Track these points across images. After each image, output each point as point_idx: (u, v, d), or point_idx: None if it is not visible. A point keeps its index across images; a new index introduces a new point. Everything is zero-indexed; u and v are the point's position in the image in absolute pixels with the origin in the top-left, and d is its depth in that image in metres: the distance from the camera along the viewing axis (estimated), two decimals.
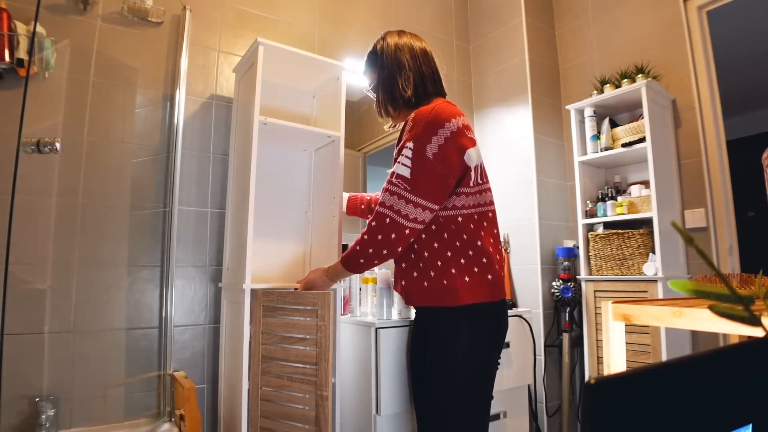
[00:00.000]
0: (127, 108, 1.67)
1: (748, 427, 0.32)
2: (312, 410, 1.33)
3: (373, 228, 1.14)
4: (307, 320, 1.39)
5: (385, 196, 1.15)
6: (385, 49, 1.33)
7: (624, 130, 2.18)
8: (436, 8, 2.66)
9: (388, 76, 1.31)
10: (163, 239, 1.67)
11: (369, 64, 1.39)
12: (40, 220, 1.47)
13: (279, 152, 1.86)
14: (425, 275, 1.17)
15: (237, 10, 1.94)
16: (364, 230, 1.17)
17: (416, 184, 1.11)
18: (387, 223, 1.11)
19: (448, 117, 1.16)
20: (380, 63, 1.33)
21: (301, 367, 1.38)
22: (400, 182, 1.12)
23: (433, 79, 1.32)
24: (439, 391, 1.15)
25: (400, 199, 1.11)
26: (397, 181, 1.13)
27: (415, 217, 1.11)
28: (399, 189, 1.12)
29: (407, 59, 1.29)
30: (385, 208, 1.13)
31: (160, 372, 1.61)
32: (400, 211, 1.11)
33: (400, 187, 1.12)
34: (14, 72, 1.43)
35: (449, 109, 1.20)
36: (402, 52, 1.30)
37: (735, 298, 0.32)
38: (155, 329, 1.63)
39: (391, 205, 1.12)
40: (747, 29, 2.99)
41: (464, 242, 1.15)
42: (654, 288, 1.95)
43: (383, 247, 1.13)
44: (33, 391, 1.40)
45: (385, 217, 1.12)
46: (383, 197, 1.15)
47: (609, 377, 0.26)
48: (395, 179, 1.13)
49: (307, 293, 1.42)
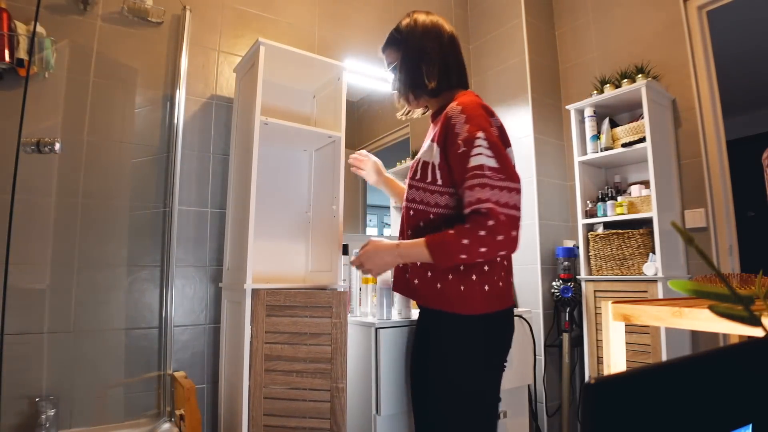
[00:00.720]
0: (127, 108, 1.67)
1: (748, 427, 0.32)
2: (326, 403, 1.40)
3: (491, 227, 0.98)
4: (322, 319, 1.45)
5: (484, 192, 1.00)
6: (412, 31, 1.24)
7: (624, 130, 2.18)
8: (436, 8, 2.66)
9: (412, 61, 1.23)
10: (163, 239, 1.67)
11: (392, 43, 1.28)
12: (40, 220, 1.47)
13: (279, 152, 1.87)
14: (440, 276, 1.11)
15: (237, 10, 1.94)
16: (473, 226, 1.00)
17: (506, 170, 1.03)
18: (503, 221, 0.98)
19: (491, 111, 1.13)
20: (405, 44, 1.24)
21: (313, 363, 1.43)
22: (494, 174, 1.01)
23: (458, 69, 1.25)
24: (442, 399, 1.11)
25: (502, 190, 1.01)
26: (491, 174, 1.01)
27: (515, 204, 1.02)
28: (496, 181, 1.01)
29: (435, 46, 1.21)
30: (493, 204, 0.99)
31: (160, 372, 1.61)
32: (508, 203, 1.00)
33: (495, 179, 1.01)
34: (14, 72, 1.43)
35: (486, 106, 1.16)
36: (429, 36, 1.22)
37: (735, 298, 0.32)
38: (155, 329, 1.63)
39: (498, 200, 1.00)
40: (747, 29, 2.99)
41: None
42: (654, 288, 1.95)
43: (501, 248, 1.00)
44: (33, 391, 1.40)
45: (498, 214, 0.98)
46: (483, 193, 1.00)
47: (609, 377, 0.26)
48: (489, 172, 1.01)
49: (321, 292, 1.46)
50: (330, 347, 1.44)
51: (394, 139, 2.41)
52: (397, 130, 2.42)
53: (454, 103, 1.12)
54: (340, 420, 1.41)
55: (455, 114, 1.09)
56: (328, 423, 1.41)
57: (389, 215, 2.36)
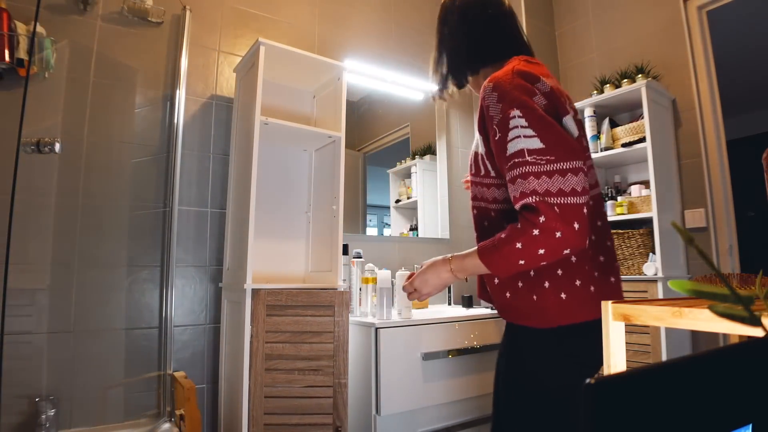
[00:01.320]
0: (127, 108, 1.67)
1: (748, 427, 0.32)
2: (328, 399, 1.43)
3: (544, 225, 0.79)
4: (324, 318, 1.48)
5: (529, 183, 0.81)
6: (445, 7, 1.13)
7: (624, 130, 2.18)
8: (436, 8, 2.65)
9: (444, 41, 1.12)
10: (163, 239, 1.67)
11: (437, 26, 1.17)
12: (40, 220, 1.47)
13: (279, 152, 1.87)
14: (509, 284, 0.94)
15: (237, 10, 1.94)
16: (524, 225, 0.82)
17: (555, 148, 0.82)
18: (557, 214, 0.79)
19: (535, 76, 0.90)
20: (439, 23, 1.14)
21: (315, 360, 1.45)
22: (538, 157, 0.82)
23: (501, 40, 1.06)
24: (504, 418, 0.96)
25: (552, 175, 0.80)
26: (534, 158, 0.82)
27: (573, 189, 0.80)
28: (543, 165, 0.81)
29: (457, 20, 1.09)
30: (542, 196, 0.80)
31: (160, 372, 1.61)
32: (562, 190, 0.80)
33: (541, 162, 0.81)
34: (14, 72, 1.43)
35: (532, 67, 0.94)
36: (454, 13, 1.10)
37: (735, 298, 0.32)
38: (155, 329, 1.63)
39: (547, 188, 0.80)
40: (747, 29, 2.99)
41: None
42: (654, 288, 1.95)
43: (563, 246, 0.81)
44: (33, 391, 1.39)
45: (551, 207, 0.79)
46: (528, 184, 0.81)
47: (609, 377, 0.26)
48: (531, 157, 0.82)
49: (323, 292, 1.48)
50: (332, 345, 1.47)
51: (394, 139, 2.41)
52: (397, 130, 2.42)
53: (486, 81, 0.94)
54: (343, 415, 1.44)
55: (487, 94, 0.91)
56: (331, 418, 1.43)
57: (389, 215, 2.36)
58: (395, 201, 2.38)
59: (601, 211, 0.96)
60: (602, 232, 0.94)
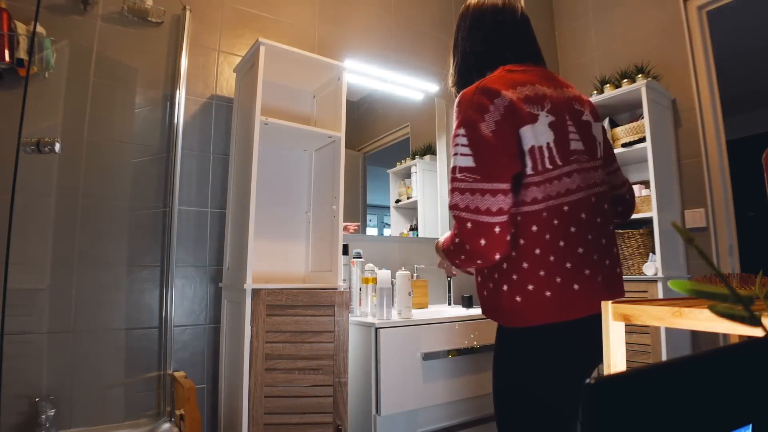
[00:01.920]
0: (127, 108, 1.67)
1: (748, 427, 0.32)
2: (328, 398, 1.44)
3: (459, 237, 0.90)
4: (324, 318, 1.48)
5: (454, 198, 0.91)
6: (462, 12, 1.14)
7: (624, 130, 2.18)
8: (436, 8, 2.65)
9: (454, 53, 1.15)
10: (163, 239, 1.67)
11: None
12: (40, 220, 1.47)
13: (279, 152, 1.87)
14: (483, 284, 1.00)
15: (237, 10, 1.94)
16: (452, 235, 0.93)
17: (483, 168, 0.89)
18: (469, 230, 0.88)
19: (495, 91, 0.93)
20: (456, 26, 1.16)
21: (315, 360, 1.46)
22: (466, 175, 0.89)
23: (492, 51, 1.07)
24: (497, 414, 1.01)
25: (475, 194, 0.88)
26: (463, 175, 0.90)
27: (488, 208, 0.88)
28: (469, 183, 0.89)
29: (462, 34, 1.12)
30: (461, 211, 0.89)
31: (160, 372, 1.61)
32: (479, 207, 0.88)
33: (468, 180, 0.89)
34: (14, 72, 1.43)
35: (505, 79, 0.96)
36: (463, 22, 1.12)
37: (735, 298, 0.32)
38: (155, 329, 1.63)
39: (467, 205, 0.88)
40: (747, 29, 2.99)
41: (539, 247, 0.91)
42: (654, 288, 1.95)
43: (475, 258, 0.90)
44: (33, 391, 1.40)
45: (464, 222, 0.89)
46: (453, 199, 0.91)
47: (609, 377, 0.26)
48: (461, 174, 0.90)
49: (323, 291, 1.50)
50: (332, 344, 1.47)
51: (394, 139, 2.41)
52: (397, 130, 2.42)
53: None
54: (343, 413, 1.44)
55: (454, 107, 0.98)
56: (331, 417, 1.43)
57: (389, 215, 2.36)
58: (395, 201, 2.38)
59: (579, 217, 0.93)
60: (578, 237, 0.93)
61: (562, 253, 0.90)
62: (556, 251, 0.90)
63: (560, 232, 0.91)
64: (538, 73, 1.03)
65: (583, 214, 0.94)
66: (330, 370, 1.46)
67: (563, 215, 0.92)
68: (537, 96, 0.95)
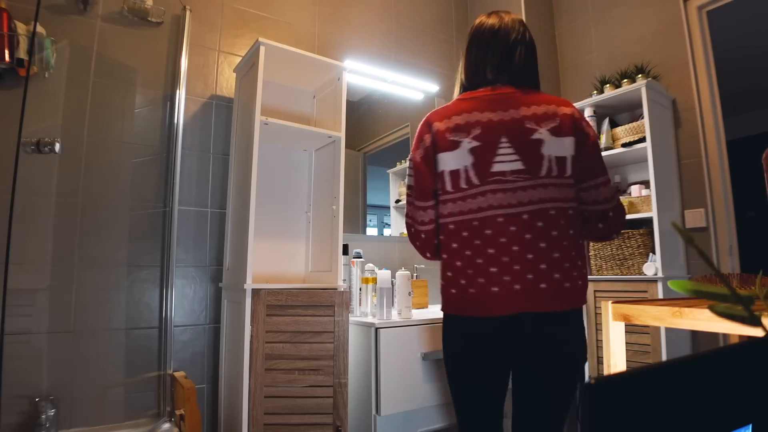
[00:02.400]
0: (127, 108, 1.67)
1: (748, 427, 0.32)
2: (328, 398, 1.44)
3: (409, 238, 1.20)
4: (324, 318, 1.49)
5: (406, 208, 1.19)
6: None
7: (624, 130, 2.17)
8: (436, 8, 2.65)
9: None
10: (163, 239, 1.67)
11: None
12: (40, 220, 1.47)
13: (279, 152, 1.87)
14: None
15: (237, 10, 1.94)
16: None
17: (417, 188, 1.14)
18: (412, 234, 1.17)
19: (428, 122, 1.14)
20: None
21: (315, 360, 1.46)
22: (410, 193, 1.16)
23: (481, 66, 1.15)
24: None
25: (417, 209, 1.14)
26: (408, 193, 1.17)
27: (422, 220, 1.14)
28: (412, 198, 1.15)
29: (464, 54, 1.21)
30: (409, 219, 1.18)
31: (160, 372, 1.61)
32: (415, 218, 1.15)
33: (412, 196, 1.16)
34: (14, 72, 1.43)
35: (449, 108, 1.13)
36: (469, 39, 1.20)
37: (735, 298, 0.32)
38: (155, 329, 1.63)
39: (412, 215, 1.16)
40: (747, 29, 2.99)
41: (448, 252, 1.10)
42: (654, 288, 1.95)
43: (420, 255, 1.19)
44: (33, 391, 1.39)
45: (409, 227, 1.18)
46: (406, 209, 1.19)
47: (609, 377, 0.26)
48: (408, 191, 1.17)
49: (323, 291, 1.49)
50: (332, 344, 1.47)
51: (394, 139, 2.41)
52: (397, 130, 2.42)
53: None
54: (343, 414, 1.44)
55: None
56: (331, 417, 1.43)
57: (389, 215, 2.36)
58: (395, 201, 2.38)
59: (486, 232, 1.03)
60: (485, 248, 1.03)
61: (467, 260, 1.04)
62: (463, 258, 1.05)
63: (468, 242, 1.05)
64: (490, 99, 1.09)
65: (489, 231, 1.03)
66: (330, 371, 1.46)
67: (472, 229, 1.05)
68: (467, 124, 1.08)
